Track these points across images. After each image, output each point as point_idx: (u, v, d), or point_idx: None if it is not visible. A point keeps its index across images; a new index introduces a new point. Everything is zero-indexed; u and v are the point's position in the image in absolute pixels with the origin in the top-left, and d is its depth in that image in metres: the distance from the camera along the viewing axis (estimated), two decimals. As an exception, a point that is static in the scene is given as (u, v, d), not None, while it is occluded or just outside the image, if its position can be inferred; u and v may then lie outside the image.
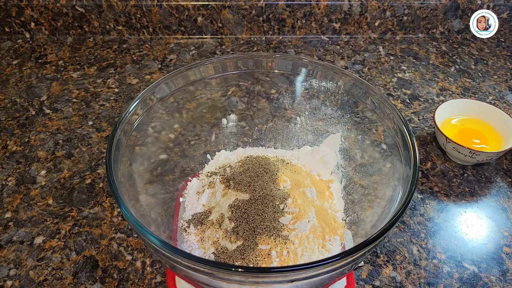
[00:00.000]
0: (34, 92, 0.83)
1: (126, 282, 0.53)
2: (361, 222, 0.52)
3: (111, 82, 0.85)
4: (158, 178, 0.56)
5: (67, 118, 0.77)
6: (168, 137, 0.59)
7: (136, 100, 0.48)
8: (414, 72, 0.90)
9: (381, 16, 0.96)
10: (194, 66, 0.53)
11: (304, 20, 0.96)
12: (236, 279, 0.36)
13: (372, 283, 0.53)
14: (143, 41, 0.97)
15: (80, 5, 0.92)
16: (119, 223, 0.60)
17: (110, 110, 0.78)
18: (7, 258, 0.55)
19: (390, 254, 0.57)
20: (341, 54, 0.95)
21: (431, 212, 0.62)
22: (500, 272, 0.55)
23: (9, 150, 0.71)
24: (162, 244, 0.35)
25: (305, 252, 0.46)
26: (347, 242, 0.50)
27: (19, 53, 0.93)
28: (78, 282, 0.53)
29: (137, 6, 0.92)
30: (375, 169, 0.54)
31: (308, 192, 0.53)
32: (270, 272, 0.34)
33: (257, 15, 0.95)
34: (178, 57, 0.92)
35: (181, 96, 0.55)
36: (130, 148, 0.49)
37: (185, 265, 0.36)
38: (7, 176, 0.66)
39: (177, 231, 0.52)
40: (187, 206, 0.55)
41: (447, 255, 0.57)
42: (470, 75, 0.90)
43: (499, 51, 0.97)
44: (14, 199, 0.63)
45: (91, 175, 0.66)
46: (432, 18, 0.97)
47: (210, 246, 0.48)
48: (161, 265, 0.55)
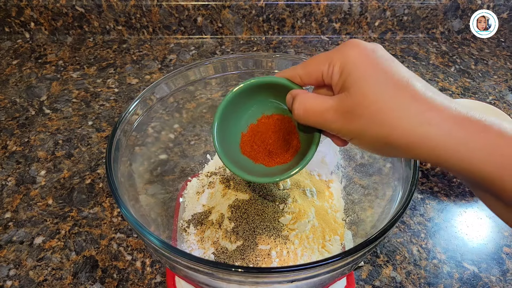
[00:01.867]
0: (34, 92, 0.83)
1: (126, 282, 0.53)
2: (361, 222, 0.52)
3: (111, 82, 0.85)
4: (158, 178, 0.56)
5: (67, 118, 0.77)
6: (168, 137, 0.59)
7: (136, 100, 0.48)
8: (414, 72, 0.90)
9: (381, 16, 0.96)
10: (194, 66, 0.53)
11: (304, 20, 0.96)
12: (236, 279, 0.36)
13: (372, 283, 0.53)
14: (143, 41, 0.97)
15: (80, 5, 0.92)
16: (119, 223, 0.60)
17: (110, 110, 0.78)
18: (7, 258, 0.55)
19: (390, 254, 0.56)
20: (341, 54, 0.95)
21: (431, 212, 0.62)
22: (500, 272, 0.55)
23: (9, 150, 0.71)
24: (162, 244, 0.35)
25: (305, 252, 0.46)
26: (347, 242, 0.50)
27: (19, 53, 0.93)
28: (78, 282, 0.53)
29: (137, 6, 0.92)
30: (375, 169, 0.54)
31: (308, 192, 0.53)
32: (270, 273, 0.34)
33: (257, 15, 0.95)
34: (178, 57, 0.92)
35: (181, 96, 0.55)
36: (130, 148, 0.49)
37: (185, 265, 0.36)
38: (7, 176, 0.66)
39: (177, 231, 0.52)
40: (187, 206, 0.55)
41: (447, 255, 0.57)
42: (470, 75, 0.90)
43: (499, 51, 0.97)
44: (14, 199, 0.63)
45: (91, 175, 0.66)
46: (432, 18, 0.97)
47: (210, 246, 0.48)
48: (161, 265, 0.55)
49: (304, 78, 0.35)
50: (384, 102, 0.28)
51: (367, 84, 0.28)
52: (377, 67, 0.29)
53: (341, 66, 0.30)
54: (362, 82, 0.29)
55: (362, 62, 0.29)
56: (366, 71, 0.29)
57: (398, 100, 0.28)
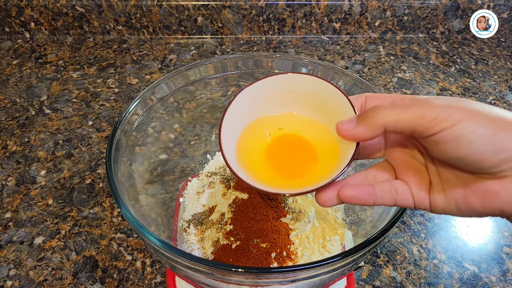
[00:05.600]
0: (34, 92, 0.83)
1: (126, 282, 0.53)
2: (361, 222, 0.52)
3: (111, 82, 0.85)
4: (158, 178, 0.56)
5: (67, 118, 0.77)
6: (168, 137, 0.59)
7: (136, 100, 0.48)
8: (415, 72, 0.90)
9: (381, 16, 0.96)
10: (194, 66, 0.53)
11: (304, 20, 0.96)
12: (236, 280, 0.36)
13: (372, 283, 0.53)
14: (143, 41, 0.97)
15: (80, 5, 0.92)
16: (119, 223, 0.60)
17: (110, 110, 0.78)
18: (7, 258, 0.55)
19: (390, 254, 0.56)
20: (341, 54, 0.95)
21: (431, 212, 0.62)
22: (501, 272, 0.55)
23: (9, 150, 0.71)
24: (162, 244, 0.35)
25: (305, 252, 0.46)
26: (347, 242, 0.50)
27: (19, 53, 0.93)
28: (78, 282, 0.53)
29: (137, 6, 0.92)
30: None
31: (308, 192, 0.53)
32: (270, 273, 0.34)
33: (257, 15, 0.95)
34: (178, 57, 0.92)
35: (181, 96, 0.55)
36: (130, 148, 0.49)
37: (185, 265, 0.36)
38: (7, 176, 0.66)
39: (177, 231, 0.52)
40: (187, 206, 0.55)
41: (447, 255, 0.57)
42: (470, 75, 0.90)
43: (499, 51, 0.97)
44: (14, 199, 0.63)
45: (91, 175, 0.66)
46: (432, 18, 0.97)
47: (210, 246, 0.48)
48: (161, 265, 0.55)
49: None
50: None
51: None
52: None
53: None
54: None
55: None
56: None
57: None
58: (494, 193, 0.26)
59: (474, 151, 0.25)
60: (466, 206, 0.28)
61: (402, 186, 0.32)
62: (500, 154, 0.25)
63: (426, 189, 0.31)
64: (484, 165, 0.26)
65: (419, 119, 0.26)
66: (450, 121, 0.25)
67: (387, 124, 0.28)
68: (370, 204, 0.31)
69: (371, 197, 0.31)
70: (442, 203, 0.30)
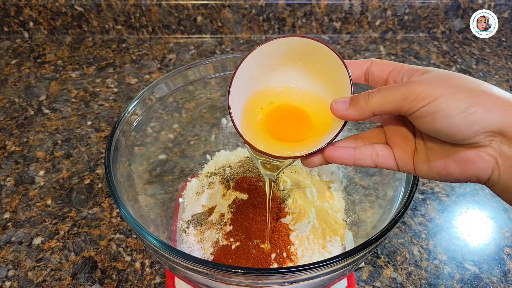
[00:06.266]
0: (32, 92, 0.82)
1: (125, 283, 0.52)
2: (361, 222, 0.51)
3: (110, 82, 0.85)
4: (157, 178, 0.56)
5: (66, 118, 0.77)
6: (167, 137, 0.58)
7: (135, 100, 0.48)
8: (415, 72, 0.90)
9: (382, 16, 0.96)
10: (194, 65, 0.53)
11: (305, 19, 0.96)
12: (236, 281, 0.35)
13: (372, 284, 0.53)
14: (142, 40, 0.96)
15: (79, 5, 0.91)
16: (118, 223, 0.59)
17: (109, 110, 0.78)
18: (6, 259, 0.55)
19: (391, 255, 0.56)
20: (342, 53, 0.94)
21: (432, 213, 0.62)
22: (501, 273, 0.54)
23: (8, 150, 0.70)
24: (161, 245, 0.35)
25: (305, 253, 0.46)
26: (348, 243, 0.50)
27: (17, 52, 0.93)
28: (77, 283, 0.52)
29: (136, 5, 0.92)
30: (376, 169, 0.53)
31: (308, 192, 0.52)
32: (270, 274, 0.34)
33: (257, 14, 0.94)
34: (178, 57, 0.92)
35: (181, 96, 0.55)
36: (129, 148, 0.48)
37: (184, 266, 0.35)
38: (6, 176, 0.66)
39: (176, 232, 0.52)
40: (186, 206, 0.55)
41: (448, 255, 0.56)
42: (471, 74, 0.89)
43: (500, 50, 0.97)
44: (12, 200, 0.63)
45: (90, 176, 0.66)
46: (433, 18, 0.97)
47: (210, 247, 0.48)
48: (161, 266, 0.54)
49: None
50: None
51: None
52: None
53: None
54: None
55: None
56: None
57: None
58: (471, 161, 0.29)
59: (450, 124, 0.28)
60: (447, 172, 0.31)
61: (384, 150, 0.34)
62: (472, 127, 0.27)
63: (410, 154, 0.33)
64: (459, 137, 0.28)
65: (402, 101, 0.29)
66: (429, 98, 0.28)
67: (375, 108, 0.31)
68: (350, 164, 0.35)
69: (351, 158, 0.34)
70: (425, 169, 0.32)
